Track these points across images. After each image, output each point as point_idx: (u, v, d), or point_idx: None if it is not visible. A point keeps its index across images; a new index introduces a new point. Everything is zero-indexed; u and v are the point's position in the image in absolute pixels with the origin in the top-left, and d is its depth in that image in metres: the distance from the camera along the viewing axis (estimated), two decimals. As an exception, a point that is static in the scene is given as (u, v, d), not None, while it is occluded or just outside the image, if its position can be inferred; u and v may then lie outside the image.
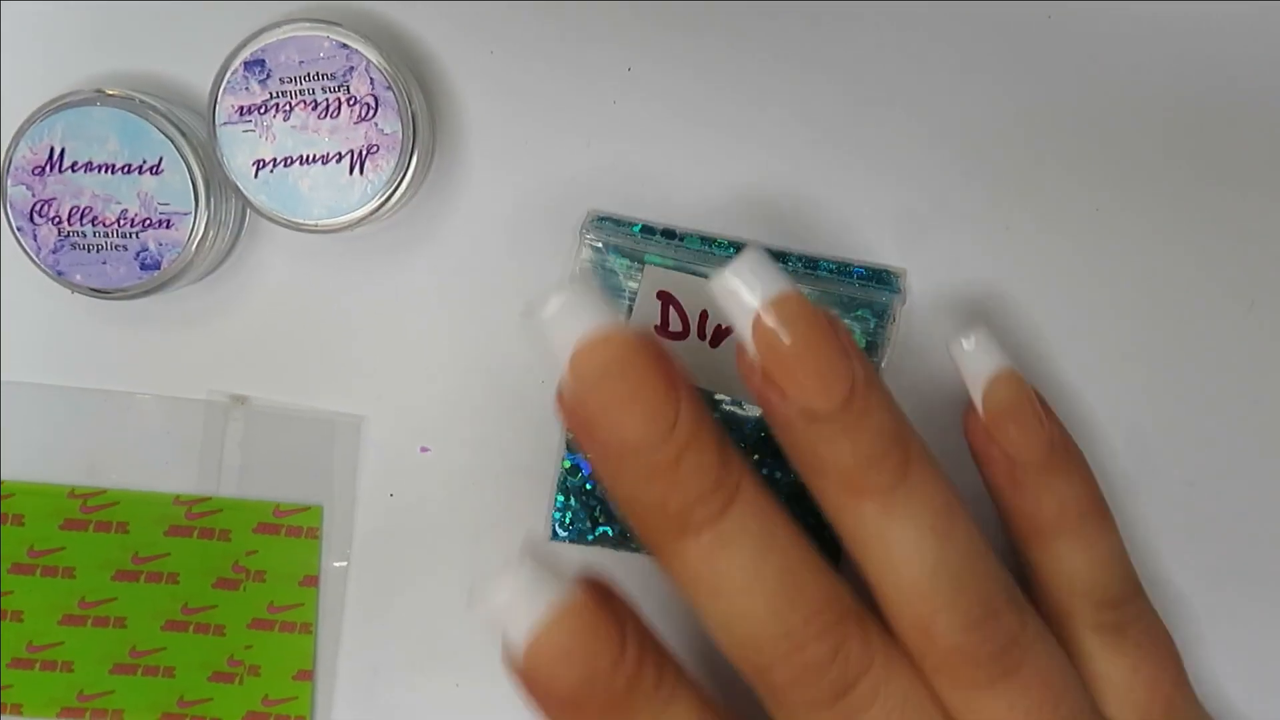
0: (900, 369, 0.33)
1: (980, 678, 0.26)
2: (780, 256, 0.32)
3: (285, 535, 0.34)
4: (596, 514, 0.33)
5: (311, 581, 0.34)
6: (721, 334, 0.32)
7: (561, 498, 0.33)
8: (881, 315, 0.32)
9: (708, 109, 0.33)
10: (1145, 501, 0.33)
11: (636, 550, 0.33)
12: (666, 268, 0.32)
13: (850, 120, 0.33)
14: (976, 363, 0.29)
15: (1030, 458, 0.29)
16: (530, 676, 0.26)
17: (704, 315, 0.32)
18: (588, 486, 0.33)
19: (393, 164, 0.30)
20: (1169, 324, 0.33)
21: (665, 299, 0.32)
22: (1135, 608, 0.30)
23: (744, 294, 0.26)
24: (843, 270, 0.32)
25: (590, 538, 0.33)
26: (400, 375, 0.34)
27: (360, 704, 0.34)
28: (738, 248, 0.32)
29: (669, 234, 0.32)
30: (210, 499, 0.34)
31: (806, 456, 0.27)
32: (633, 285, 0.32)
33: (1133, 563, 0.30)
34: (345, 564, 0.34)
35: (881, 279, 0.32)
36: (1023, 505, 0.29)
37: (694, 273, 0.32)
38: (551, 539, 0.33)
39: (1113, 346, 0.33)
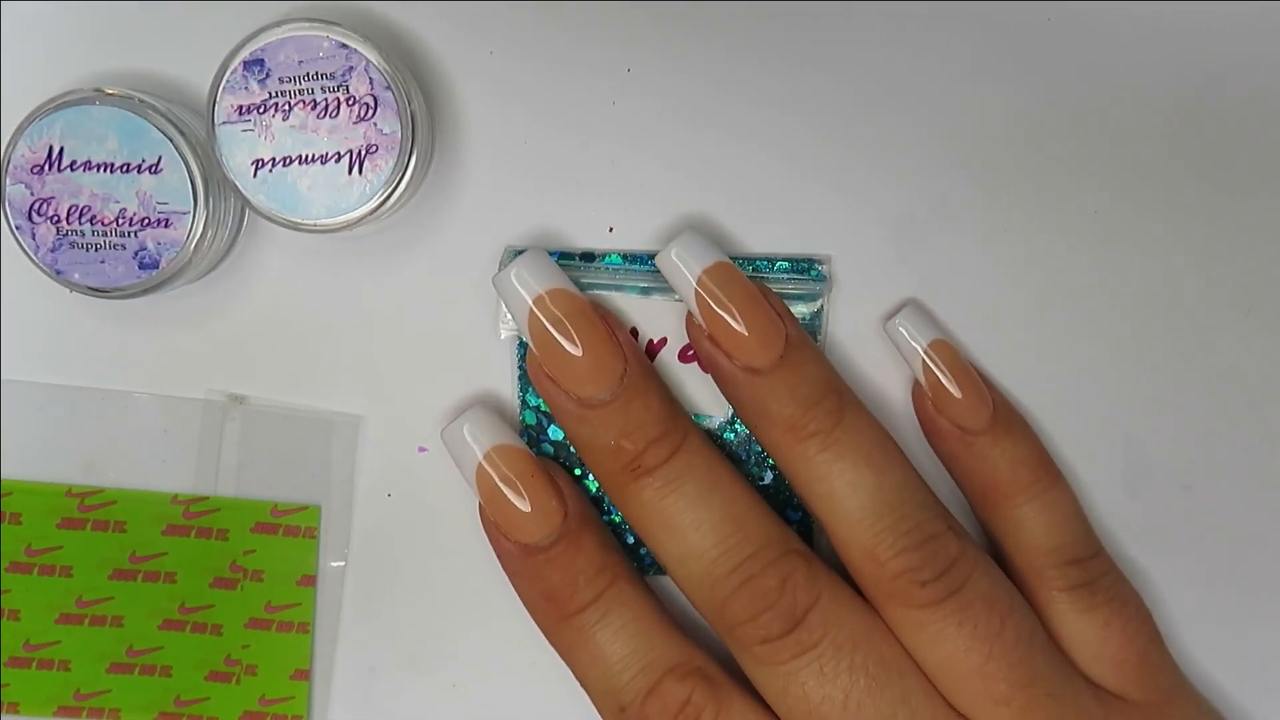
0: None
1: (928, 597, 0.28)
2: None
3: (283, 535, 0.34)
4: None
5: (309, 581, 0.34)
6: (654, 349, 0.32)
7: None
8: (812, 304, 0.32)
9: (707, 110, 0.33)
10: (1142, 503, 0.33)
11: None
12: (591, 290, 0.32)
13: (850, 121, 0.33)
14: (911, 339, 0.31)
15: (976, 423, 0.31)
16: (484, 498, 0.30)
17: (633, 333, 0.32)
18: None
19: (391, 164, 0.30)
20: (1167, 327, 0.33)
21: None
22: (1100, 565, 0.31)
23: (684, 267, 0.30)
24: (767, 265, 0.32)
25: None
26: (398, 375, 0.34)
27: (357, 704, 0.34)
28: None
29: (587, 257, 0.32)
30: (208, 498, 0.34)
31: (752, 407, 0.30)
32: None
33: (1091, 524, 0.32)
34: (343, 564, 0.34)
35: (806, 269, 0.32)
36: (978, 470, 0.31)
37: (616, 290, 0.32)
38: None
39: (1110, 348, 0.33)
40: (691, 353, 0.32)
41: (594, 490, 0.33)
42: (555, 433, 0.33)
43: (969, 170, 0.33)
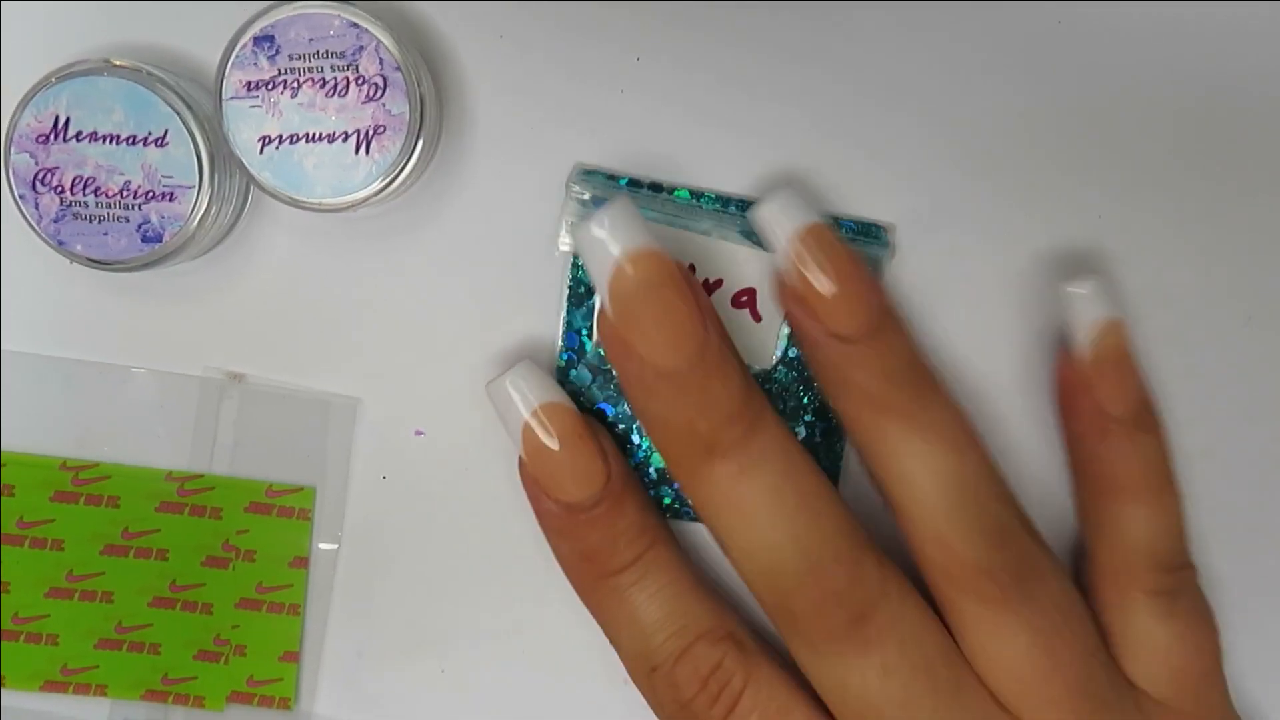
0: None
1: (997, 595, 0.28)
2: None
3: (277, 515, 0.34)
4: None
5: (301, 563, 0.34)
6: (711, 287, 0.32)
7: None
8: (872, 269, 0.32)
9: (712, 102, 0.33)
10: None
11: None
12: (653, 222, 0.32)
13: (853, 119, 0.33)
14: (1089, 307, 0.30)
15: (1123, 412, 0.29)
16: (526, 451, 0.29)
17: (691, 269, 0.32)
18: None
19: (399, 145, 0.30)
20: (1167, 333, 0.33)
21: None
22: (1188, 576, 0.30)
23: (779, 223, 0.28)
24: (831, 222, 0.32)
25: None
26: (397, 358, 0.33)
27: (345, 687, 0.34)
28: (724, 202, 0.32)
29: (656, 188, 0.32)
30: (203, 476, 0.34)
31: (834, 376, 0.28)
32: None
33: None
34: (335, 546, 0.34)
35: (870, 233, 0.32)
36: (1105, 459, 0.29)
37: (682, 227, 0.32)
38: None
39: (1111, 354, 0.33)
40: (745, 299, 0.32)
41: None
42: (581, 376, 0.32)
43: (972, 171, 0.33)
